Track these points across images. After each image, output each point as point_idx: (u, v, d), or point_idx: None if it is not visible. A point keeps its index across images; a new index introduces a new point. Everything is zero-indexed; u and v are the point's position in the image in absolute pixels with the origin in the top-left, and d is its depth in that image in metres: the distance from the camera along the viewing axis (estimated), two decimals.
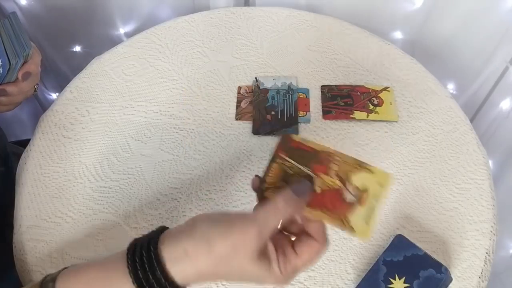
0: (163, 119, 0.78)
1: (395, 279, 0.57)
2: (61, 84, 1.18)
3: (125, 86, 0.83)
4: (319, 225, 0.43)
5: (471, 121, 0.88)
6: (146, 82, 0.83)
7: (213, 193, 0.69)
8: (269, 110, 0.78)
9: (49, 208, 0.68)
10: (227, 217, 0.42)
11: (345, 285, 0.61)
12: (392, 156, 0.73)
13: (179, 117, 0.78)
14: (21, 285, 0.63)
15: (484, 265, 0.62)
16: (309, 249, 0.43)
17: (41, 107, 1.26)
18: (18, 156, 0.76)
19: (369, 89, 0.80)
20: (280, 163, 0.45)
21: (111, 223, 0.66)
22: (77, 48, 1.16)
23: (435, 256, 0.59)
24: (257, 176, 0.46)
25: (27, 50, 0.65)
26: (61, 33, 1.12)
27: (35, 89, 0.71)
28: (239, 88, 0.82)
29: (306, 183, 0.44)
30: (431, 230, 0.65)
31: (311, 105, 0.79)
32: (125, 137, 0.76)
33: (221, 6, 1.02)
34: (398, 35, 1.06)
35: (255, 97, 0.80)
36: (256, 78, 0.83)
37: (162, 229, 0.44)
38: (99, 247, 0.64)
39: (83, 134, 0.76)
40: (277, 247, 0.43)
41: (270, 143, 0.75)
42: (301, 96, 0.80)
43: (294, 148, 0.45)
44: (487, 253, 0.63)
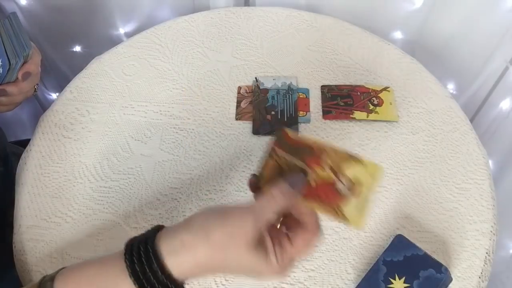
0: (163, 119, 0.78)
1: (395, 279, 0.57)
2: (61, 84, 1.18)
3: (125, 86, 0.83)
4: (312, 214, 0.45)
5: (471, 121, 0.88)
6: (146, 82, 0.83)
7: (213, 193, 0.69)
8: (269, 110, 0.78)
9: (49, 208, 0.68)
10: (224, 208, 0.43)
11: (345, 285, 0.61)
12: (392, 156, 0.73)
13: (179, 117, 0.78)
14: (21, 285, 0.63)
15: (484, 265, 0.62)
16: (303, 237, 0.44)
17: (41, 107, 1.26)
18: (18, 156, 0.76)
19: (369, 89, 0.80)
20: (275, 158, 0.47)
21: (111, 223, 0.66)
22: (77, 48, 1.16)
23: (435, 256, 0.59)
24: (253, 175, 0.47)
25: (27, 50, 0.65)
26: (61, 33, 1.12)
27: (35, 89, 0.71)
28: (239, 88, 0.82)
29: (300, 175, 0.45)
30: (431, 230, 0.65)
31: (311, 105, 0.79)
32: (125, 137, 0.76)
33: (221, 6, 1.02)
34: (398, 35, 1.06)
35: (255, 97, 0.80)
36: (256, 78, 0.83)
37: (159, 228, 0.44)
38: (99, 247, 0.64)
39: (83, 134, 0.76)
40: (273, 239, 0.43)
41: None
42: (301, 96, 0.80)
43: (288, 143, 0.47)
44: (487, 253, 0.63)
